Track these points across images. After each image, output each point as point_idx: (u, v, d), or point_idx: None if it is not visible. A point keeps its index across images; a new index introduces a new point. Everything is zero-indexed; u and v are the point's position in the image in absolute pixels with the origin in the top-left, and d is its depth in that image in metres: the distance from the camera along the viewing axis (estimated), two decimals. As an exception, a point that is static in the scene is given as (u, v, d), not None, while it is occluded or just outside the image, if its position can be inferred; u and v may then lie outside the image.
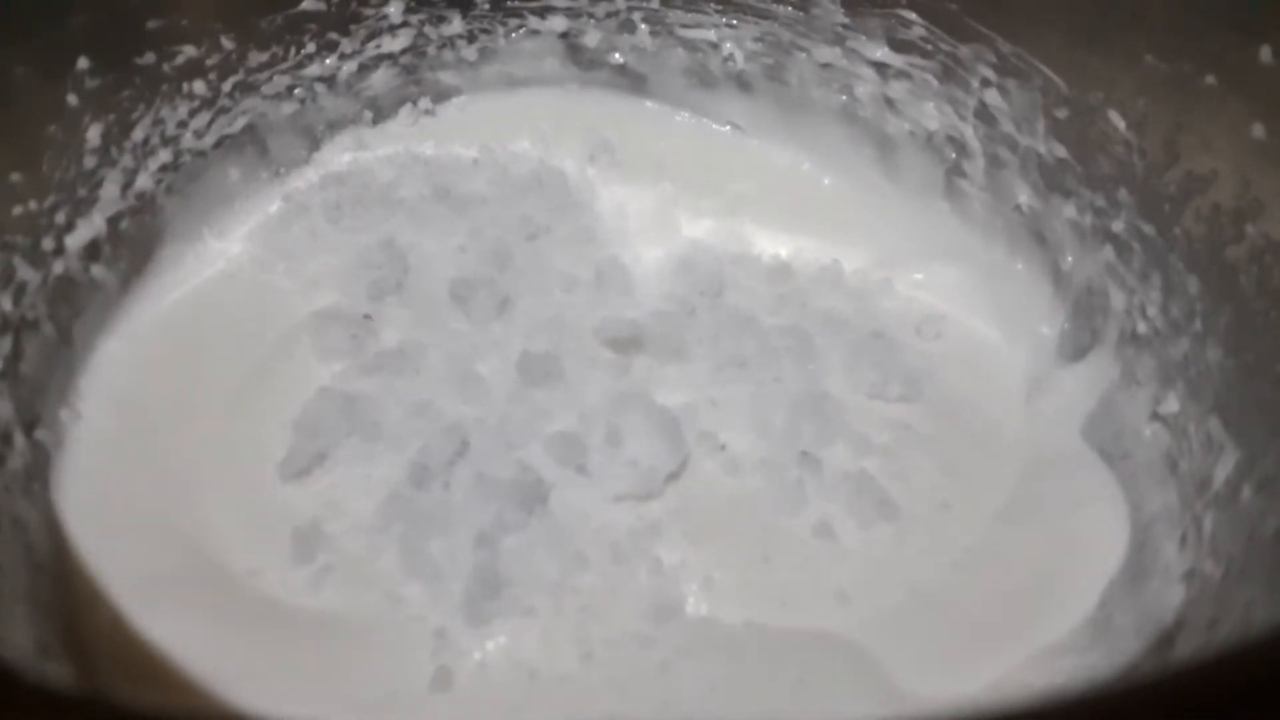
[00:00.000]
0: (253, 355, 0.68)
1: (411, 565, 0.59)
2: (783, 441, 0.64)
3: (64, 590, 0.57)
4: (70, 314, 0.65)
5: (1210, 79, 0.60)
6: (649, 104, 0.81)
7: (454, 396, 0.65)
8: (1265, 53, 0.57)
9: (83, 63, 0.64)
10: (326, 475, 0.63)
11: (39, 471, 0.60)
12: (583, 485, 0.62)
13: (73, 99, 0.64)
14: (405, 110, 0.80)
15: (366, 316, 0.69)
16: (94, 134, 0.65)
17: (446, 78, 0.80)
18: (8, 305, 0.61)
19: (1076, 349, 0.69)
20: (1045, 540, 0.62)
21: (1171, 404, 0.63)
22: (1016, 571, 0.61)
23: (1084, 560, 0.61)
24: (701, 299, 0.71)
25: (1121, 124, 0.65)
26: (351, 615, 0.58)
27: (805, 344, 0.68)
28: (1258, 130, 0.58)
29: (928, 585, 0.60)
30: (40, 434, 0.61)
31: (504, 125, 0.79)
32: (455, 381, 0.65)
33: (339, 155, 0.78)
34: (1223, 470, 0.58)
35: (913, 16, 0.72)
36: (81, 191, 0.65)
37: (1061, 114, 0.69)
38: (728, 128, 0.81)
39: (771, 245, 0.75)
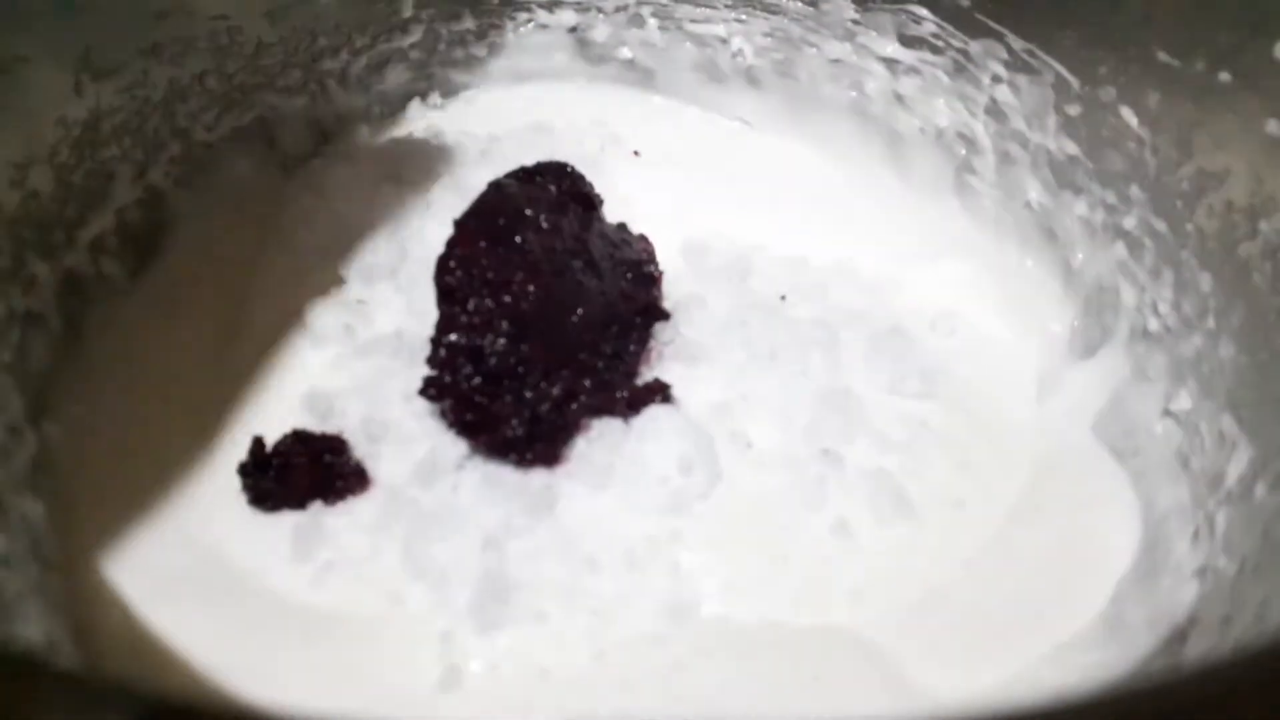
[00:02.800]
0: (255, 345, 0.67)
1: (414, 567, 0.58)
2: (806, 438, 0.64)
3: (72, 585, 0.56)
4: (79, 306, 0.65)
5: (1224, 75, 0.60)
6: (658, 99, 0.81)
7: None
8: (1279, 50, 0.57)
9: (95, 55, 0.63)
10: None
11: (47, 466, 0.59)
12: (595, 491, 0.61)
13: (84, 89, 0.63)
14: (415, 104, 0.80)
15: (360, 301, 0.69)
16: (105, 125, 0.65)
17: (456, 73, 0.80)
18: (17, 298, 0.60)
19: (1087, 346, 0.69)
20: (1058, 537, 0.62)
21: (1183, 401, 0.63)
22: (1030, 568, 0.61)
23: (1096, 557, 0.61)
24: (718, 292, 0.70)
25: (1134, 120, 0.65)
26: (356, 613, 0.57)
27: (831, 336, 0.68)
28: (1271, 127, 0.58)
29: (942, 582, 0.60)
30: (48, 427, 0.61)
31: (513, 119, 0.79)
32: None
33: (348, 146, 0.78)
34: (1236, 467, 0.58)
35: (924, 12, 0.72)
36: (92, 184, 0.65)
37: (1073, 110, 0.68)
38: (737, 123, 0.81)
39: (783, 240, 0.74)
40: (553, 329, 0.61)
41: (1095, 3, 0.66)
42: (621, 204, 0.74)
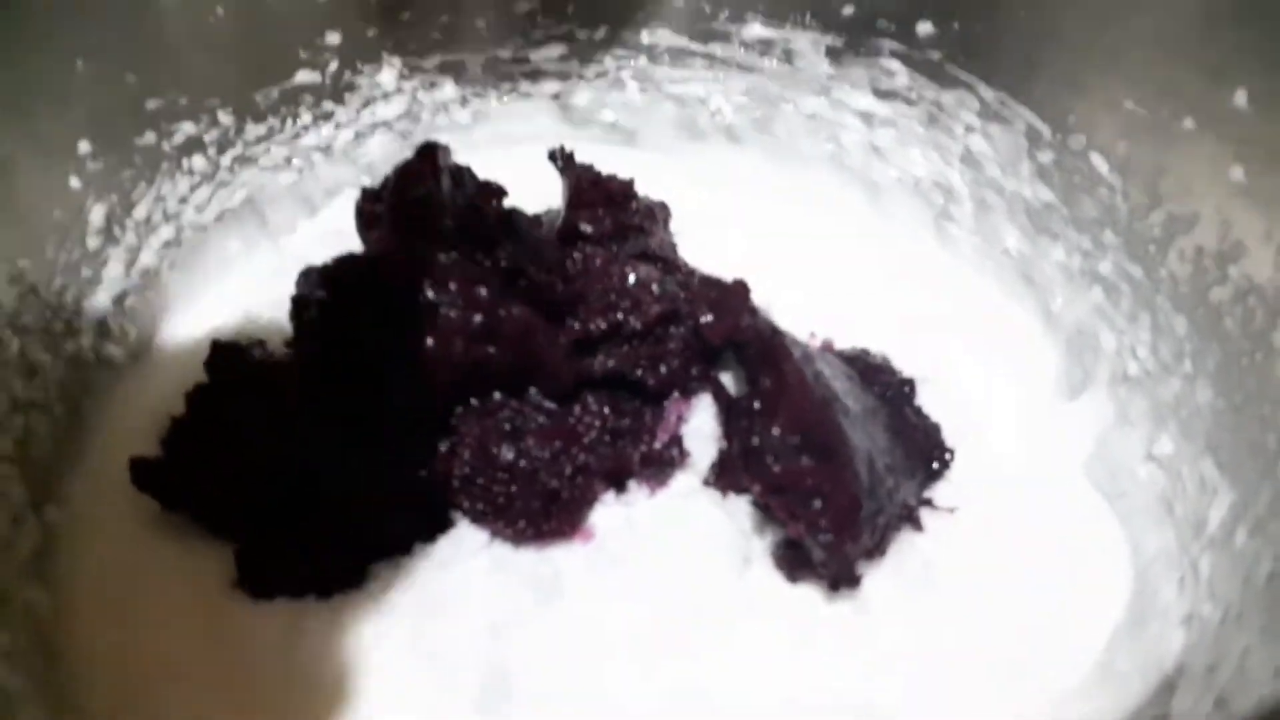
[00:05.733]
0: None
1: (419, 653, 0.59)
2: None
3: (75, 674, 0.57)
4: (80, 392, 0.65)
5: (1188, 123, 0.61)
6: (641, 156, 0.82)
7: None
8: (1240, 97, 0.58)
9: (84, 146, 0.65)
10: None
11: (50, 552, 0.60)
12: (605, 576, 0.62)
13: (75, 181, 0.65)
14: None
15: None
16: (97, 215, 0.66)
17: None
18: (19, 388, 0.61)
19: (1070, 389, 0.70)
20: (1053, 584, 0.62)
21: (1165, 445, 0.63)
22: (1026, 617, 0.61)
23: (1090, 604, 0.61)
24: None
25: (1104, 167, 0.66)
26: (360, 700, 0.58)
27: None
28: (1236, 173, 0.59)
29: (943, 637, 0.60)
30: (51, 513, 0.61)
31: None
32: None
33: (338, 216, 0.78)
34: (1217, 512, 0.59)
35: (895, 65, 0.73)
36: (87, 272, 0.66)
37: (1045, 158, 0.69)
38: (718, 178, 0.81)
39: (769, 291, 0.74)
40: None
41: (1063, 53, 0.67)
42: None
